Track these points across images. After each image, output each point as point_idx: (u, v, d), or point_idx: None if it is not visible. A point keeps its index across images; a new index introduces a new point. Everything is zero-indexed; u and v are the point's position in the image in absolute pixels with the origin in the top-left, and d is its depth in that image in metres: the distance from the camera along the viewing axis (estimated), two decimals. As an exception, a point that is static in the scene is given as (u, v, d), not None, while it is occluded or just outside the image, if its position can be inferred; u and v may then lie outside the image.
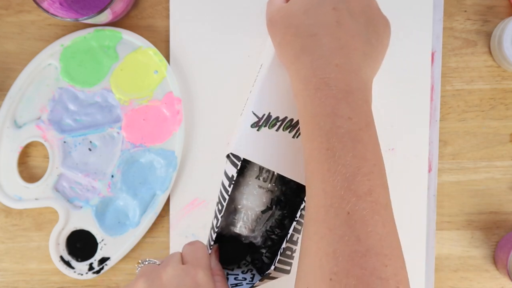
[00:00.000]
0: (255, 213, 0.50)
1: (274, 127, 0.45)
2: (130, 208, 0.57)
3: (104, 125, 0.57)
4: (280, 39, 0.42)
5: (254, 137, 0.45)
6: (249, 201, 0.49)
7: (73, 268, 0.56)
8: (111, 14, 0.53)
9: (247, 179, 0.50)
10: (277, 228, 0.52)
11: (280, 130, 0.45)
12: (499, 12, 0.57)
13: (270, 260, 0.52)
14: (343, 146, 0.37)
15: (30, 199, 0.56)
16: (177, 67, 0.57)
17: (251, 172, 0.49)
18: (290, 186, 0.51)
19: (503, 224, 0.57)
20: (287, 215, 0.52)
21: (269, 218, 0.51)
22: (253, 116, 0.45)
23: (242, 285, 0.49)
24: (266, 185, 0.49)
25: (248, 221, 0.50)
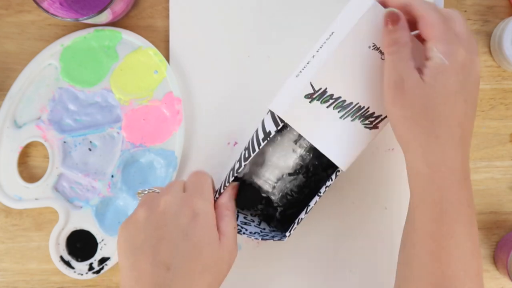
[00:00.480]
0: (282, 173, 0.52)
1: (326, 103, 0.46)
2: (130, 208, 0.57)
3: (104, 125, 0.57)
4: (411, 115, 0.42)
5: (304, 107, 0.46)
6: (280, 161, 0.51)
7: (73, 268, 0.56)
8: (111, 14, 0.53)
9: (285, 139, 0.51)
10: (296, 192, 0.53)
11: (331, 107, 0.46)
12: (499, 12, 0.57)
13: (281, 216, 0.54)
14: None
15: (30, 199, 0.56)
16: (177, 67, 0.57)
17: (290, 135, 0.51)
18: (321, 161, 0.52)
19: (503, 224, 0.57)
20: (309, 184, 0.53)
21: (291, 181, 0.52)
22: (310, 87, 0.45)
23: (250, 225, 0.51)
24: (300, 151, 0.51)
25: (273, 179, 0.52)
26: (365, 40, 0.44)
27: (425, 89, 0.41)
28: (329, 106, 0.46)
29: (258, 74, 0.57)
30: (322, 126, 0.46)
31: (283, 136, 0.51)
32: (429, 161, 0.42)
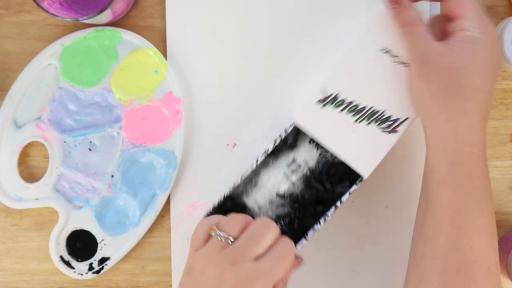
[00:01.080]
0: (270, 195, 0.52)
1: (339, 107, 0.47)
2: (130, 208, 0.57)
3: (104, 125, 0.57)
4: (438, 88, 0.41)
5: (317, 112, 0.48)
6: (269, 182, 0.51)
7: (73, 268, 0.56)
8: (111, 14, 0.53)
9: (279, 162, 0.51)
10: (283, 221, 0.53)
11: (344, 112, 0.47)
12: (499, 12, 0.57)
13: None
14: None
15: (30, 199, 0.56)
16: (176, 67, 0.57)
17: (284, 158, 0.51)
18: (311, 194, 0.52)
19: (503, 224, 0.57)
20: (296, 217, 0.53)
21: (279, 206, 0.52)
22: (323, 92, 0.47)
23: None
24: (291, 177, 0.51)
25: (261, 200, 0.52)
26: (375, 44, 0.46)
27: (452, 57, 0.41)
28: (343, 110, 0.47)
29: (255, 76, 0.57)
30: (337, 130, 0.47)
31: (278, 158, 0.51)
32: (458, 135, 0.41)
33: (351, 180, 0.52)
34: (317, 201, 0.53)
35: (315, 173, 0.52)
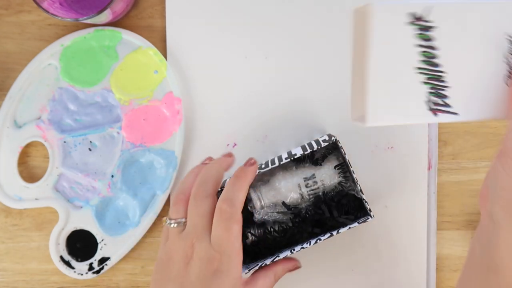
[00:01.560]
0: (276, 200, 0.52)
1: (419, 40, 0.37)
2: (130, 208, 0.57)
3: (104, 125, 0.57)
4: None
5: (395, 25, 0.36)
6: (281, 187, 0.51)
7: (73, 268, 0.56)
8: (111, 14, 0.53)
9: (298, 172, 0.52)
10: (278, 226, 0.53)
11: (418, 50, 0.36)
12: (499, 12, 0.57)
13: (253, 240, 0.54)
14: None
15: (30, 199, 0.56)
16: (176, 67, 0.57)
17: (305, 170, 0.52)
18: (314, 214, 0.53)
19: (503, 224, 0.57)
20: (291, 229, 0.53)
21: (280, 213, 0.52)
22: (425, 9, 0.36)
23: None
24: (303, 190, 0.51)
25: (266, 201, 0.52)
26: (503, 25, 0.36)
27: None
28: (419, 47, 0.36)
29: (255, 75, 0.57)
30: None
31: (298, 169, 0.52)
32: None
33: (357, 216, 0.52)
34: (317, 222, 0.53)
35: (327, 196, 0.52)
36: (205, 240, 0.43)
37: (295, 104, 0.57)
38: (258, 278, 0.47)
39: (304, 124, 0.57)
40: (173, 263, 0.44)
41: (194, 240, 0.43)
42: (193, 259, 0.43)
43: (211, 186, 0.45)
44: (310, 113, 0.57)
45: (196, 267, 0.43)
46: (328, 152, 0.53)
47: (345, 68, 0.57)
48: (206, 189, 0.45)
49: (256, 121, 0.57)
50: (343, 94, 0.56)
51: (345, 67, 0.57)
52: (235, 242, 0.43)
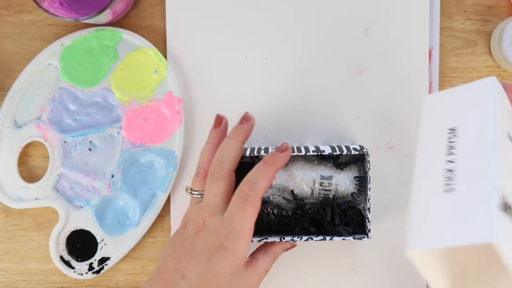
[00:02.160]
0: (287, 185, 0.51)
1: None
2: (130, 208, 0.57)
3: (104, 125, 0.57)
4: None
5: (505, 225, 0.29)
6: (297, 175, 0.51)
7: (73, 268, 0.56)
8: (111, 14, 0.53)
9: (317, 167, 0.51)
10: (278, 210, 0.53)
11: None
12: (499, 12, 0.57)
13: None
14: None
15: (30, 199, 0.56)
16: (176, 67, 0.57)
17: (324, 169, 0.52)
18: (316, 214, 0.52)
19: (503, 224, 0.57)
20: (288, 218, 0.53)
21: (284, 198, 0.52)
22: (497, 194, 0.29)
23: None
24: (315, 188, 0.51)
25: (278, 181, 0.51)
26: (502, 129, 0.33)
27: None
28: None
29: (255, 75, 0.57)
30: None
31: (319, 165, 0.52)
32: None
33: (355, 231, 0.52)
34: (315, 221, 0.53)
35: (335, 201, 0.52)
36: (217, 216, 0.46)
37: (295, 104, 0.57)
38: (258, 258, 0.48)
39: (305, 124, 0.57)
40: (186, 230, 0.47)
41: (207, 214, 0.46)
42: (203, 230, 0.46)
43: (228, 165, 0.47)
44: (310, 113, 0.57)
45: (203, 238, 0.46)
46: (353, 161, 0.52)
47: (345, 68, 0.57)
48: (222, 168, 0.47)
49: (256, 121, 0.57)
50: (343, 94, 0.56)
51: (345, 67, 0.57)
52: (246, 224, 0.45)
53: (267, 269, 0.48)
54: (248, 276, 0.46)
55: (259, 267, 0.47)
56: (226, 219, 0.46)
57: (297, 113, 0.57)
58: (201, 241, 0.46)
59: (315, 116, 0.57)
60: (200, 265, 0.45)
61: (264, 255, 0.48)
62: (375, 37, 0.56)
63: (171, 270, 0.46)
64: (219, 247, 0.45)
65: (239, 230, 0.45)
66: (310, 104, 0.57)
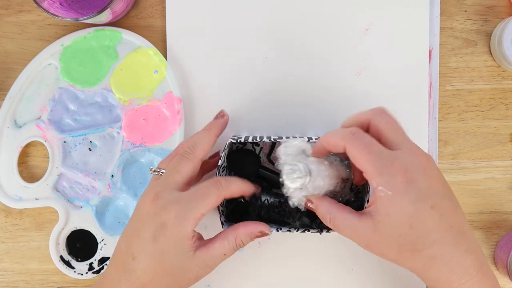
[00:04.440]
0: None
1: None
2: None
3: (104, 125, 0.57)
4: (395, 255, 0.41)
5: None
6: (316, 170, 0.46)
7: (73, 268, 0.56)
8: (111, 14, 0.53)
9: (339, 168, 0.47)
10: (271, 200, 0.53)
11: None
12: (499, 12, 0.57)
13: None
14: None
15: (30, 199, 0.56)
16: (176, 67, 0.57)
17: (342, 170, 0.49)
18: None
19: (503, 224, 0.57)
20: (284, 206, 0.53)
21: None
22: None
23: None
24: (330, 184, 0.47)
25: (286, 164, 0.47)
26: None
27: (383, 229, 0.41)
28: None
29: (255, 75, 0.57)
30: None
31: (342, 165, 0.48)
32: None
33: None
34: (309, 213, 0.52)
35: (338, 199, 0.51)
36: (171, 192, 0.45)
37: (295, 103, 0.57)
38: (215, 240, 0.46)
39: (304, 123, 0.57)
40: (138, 208, 0.46)
41: (161, 188, 0.45)
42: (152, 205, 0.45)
43: (199, 151, 0.47)
44: (310, 112, 0.57)
45: (151, 215, 0.44)
46: None
47: (345, 68, 0.57)
48: (193, 151, 0.47)
49: (256, 121, 0.57)
50: (343, 94, 0.56)
51: (345, 67, 0.57)
52: (181, 177, 0.46)
53: (225, 253, 0.45)
54: (199, 257, 0.44)
55: (214, 250, 0.45)
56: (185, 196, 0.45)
57: (297, 113, 0.57)
58: (149, 218, 0.44)
59: (315, 116, 0.57)
60: (147, 244, 0.44)
61: (223, 238, 0.46)
62: (375, 37, 0.56)
63: (123, 252, 0.45)
64: (163, 224, 0.43)
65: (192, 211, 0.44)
66: (310, 104, 0.57)
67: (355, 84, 0.57)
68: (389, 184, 0.40)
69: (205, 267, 0.45)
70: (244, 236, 0.46)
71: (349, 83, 0.57)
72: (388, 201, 0.40)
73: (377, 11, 0.56)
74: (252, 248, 0.57)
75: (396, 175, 0.40)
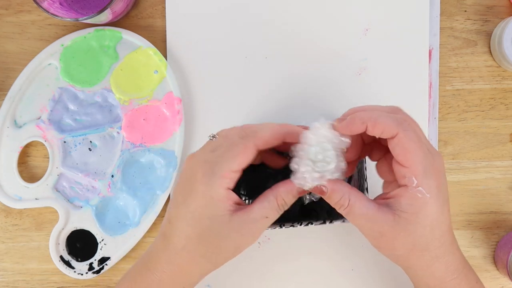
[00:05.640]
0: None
1: None
2: (130, 208, 0.57)
3: (104, 125, 0.57)
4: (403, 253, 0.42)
5: None
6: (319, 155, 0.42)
7: (73, 268, 0.56)
8: (111, 14, 0.53)
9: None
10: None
11: None
12: (499, 12, 0.57)
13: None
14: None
15: (30, 199, 0.56)
16: (176, 67, 0.57)
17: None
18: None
19: (503, 224, 0.57)
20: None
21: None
22: None
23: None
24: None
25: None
26: None
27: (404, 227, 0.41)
28: None
29: (255, 75, 0.57)
30: None
31: None
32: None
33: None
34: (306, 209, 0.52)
35: None
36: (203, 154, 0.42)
37: (294, 104, 0.57)
38: (255, 203, 0.42)
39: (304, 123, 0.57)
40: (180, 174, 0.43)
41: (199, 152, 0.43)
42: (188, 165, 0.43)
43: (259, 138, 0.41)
44: (310, 113, 0.57)
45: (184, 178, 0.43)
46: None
47: (345, 68, 0.57)
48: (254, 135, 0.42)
49: (256, 121, 0.57)
50: (343, 94, 0.56)
51: (345, 67, 0.57)
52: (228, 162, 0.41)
53: (267, 215, 0.41)
54: (236, 221, 0.40)
55: (253, 213, 0.41)
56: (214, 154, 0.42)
57: (296, 113, 0.57)
58: (182, 182, 0.42)
59: (315, 116, 0.56)
60: (180, 208, 0.41)
61: (262, 200, 0.41)
62: (375, 37, 0.56)
63: (165, 218, 0.43)
64: (192, 186, 0.41)
65: (219, 167, 0.40)
66: (310, 104, 0.57)
67: (355, 84, 0.57)
68: (428, 186, 0.39)
69: (245, 234, 0.41)
70: (286, 193, 0.41)
71: (349, 83, 0.57)
72: (423, 202, 0.39)
73: (377, 11, 0.56)
74: (252, 248, 0.57)
75: (435, 178, 0.39)
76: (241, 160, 0.41)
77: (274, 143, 0.42)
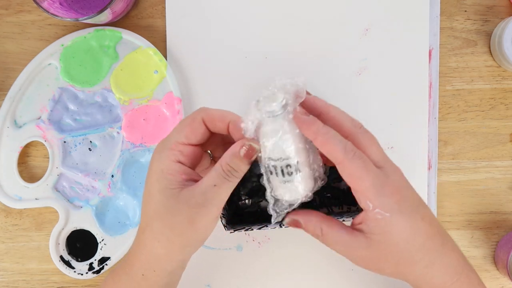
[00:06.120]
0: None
1: None
2: (130, 208, 0.57)
3: (104, 125, 0.57)
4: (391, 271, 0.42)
5: None
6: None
7: (73, 268, 0.56)
8: (111, 14, 0.53)
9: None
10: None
11: None
12: (499, 12, 0.57)
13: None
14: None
15: (30, 199, 0.56)
16: (176, 67, 0.57)
17: None
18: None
19: (503, 224, 0.57)
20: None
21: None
22: None
23: None
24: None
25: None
26: None
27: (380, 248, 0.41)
28: None
29: (255, 75, 0.57)
30: None
31: None
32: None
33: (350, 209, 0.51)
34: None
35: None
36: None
37: (295, 104, 0.57)
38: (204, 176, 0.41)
39: (304, 124, 0.57)
40: None
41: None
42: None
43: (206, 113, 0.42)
44: (310, 113, 0.57)
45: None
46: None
47: (345, 68, 0.57)
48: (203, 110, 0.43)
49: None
50: (343, 94, 0.56)
51: (345, 67, 0.57)
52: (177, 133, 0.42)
53: (215, 183, 0.40)
54: (185, 194, 0.39)
55: (202, 184, 0.40)
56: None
57: (297, 113, 0.57)
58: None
59: (315, 116, 0.57)
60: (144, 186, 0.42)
61: (210, 171, 0.41)
62: (375, 37, 0.56)
63: None
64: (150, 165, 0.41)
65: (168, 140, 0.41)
66: (310, 104, 0.57)
67: (355, 84, 0.57)
68: (385, 205, 0.39)
69: (195, 205, 0.39)
70: (230, 157, 0.40)
71: (349, 83, 0.57)
72: (385, 222, 0.39)
73: (377, 11, 0.56)
74: (252, 248, 0.57)
75: (391, 196, 0.39)
76: (188, 132, 0.41)
77: (221, 125, 0.42)
